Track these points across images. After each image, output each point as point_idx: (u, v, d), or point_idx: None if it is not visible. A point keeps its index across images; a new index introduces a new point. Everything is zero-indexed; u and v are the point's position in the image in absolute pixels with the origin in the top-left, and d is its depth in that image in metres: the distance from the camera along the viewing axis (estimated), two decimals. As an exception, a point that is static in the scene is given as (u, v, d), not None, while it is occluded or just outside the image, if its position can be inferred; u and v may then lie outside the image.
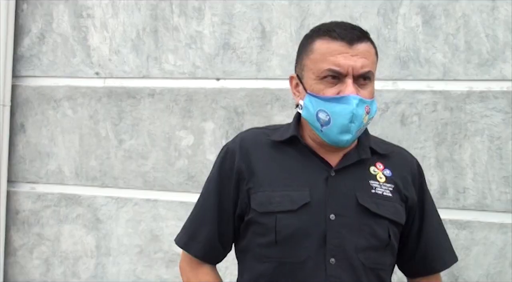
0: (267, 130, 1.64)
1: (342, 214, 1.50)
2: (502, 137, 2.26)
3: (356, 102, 1.45)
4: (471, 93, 2.28)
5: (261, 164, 1.56)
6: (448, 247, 1.66)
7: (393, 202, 1.55)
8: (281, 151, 1.57)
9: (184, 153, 2.63)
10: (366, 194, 1.53)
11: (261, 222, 1.53)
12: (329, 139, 1.50)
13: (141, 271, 2.71)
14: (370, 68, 1.48)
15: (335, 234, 1.49)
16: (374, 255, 1.52)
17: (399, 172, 1.59)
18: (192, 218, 1.67)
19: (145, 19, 2.67)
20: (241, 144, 1.60)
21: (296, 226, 1.50)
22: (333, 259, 1.49)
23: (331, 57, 1.47)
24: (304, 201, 1.50)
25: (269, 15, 2.50)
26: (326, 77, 1.48)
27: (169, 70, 2.65)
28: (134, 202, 2.71)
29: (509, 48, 2.24)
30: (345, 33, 1.48)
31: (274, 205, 1.52)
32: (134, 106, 2.70)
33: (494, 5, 2.25)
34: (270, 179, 1.55)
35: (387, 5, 2.36)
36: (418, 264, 1.64)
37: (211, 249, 1.63)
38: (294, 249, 1.50)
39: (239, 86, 2.55)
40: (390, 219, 1.53)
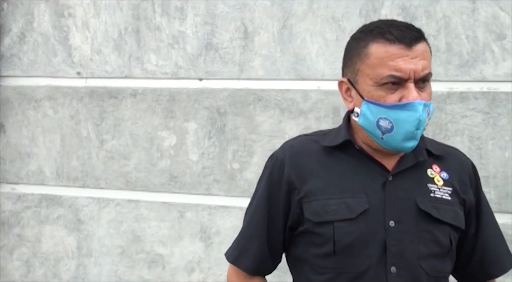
0: (315, 137, 1.57)
1: (402, 220, 1.44)
2: (482, 138, 2.28)
3: (421, 108, 1.39)
4: (452, 94, 2.31)
5: (313, 172, 1.50)
6: (506, 251, 1.59)
7: (453, 206, 1.49)
8: (333, 156, 1.51)
9: (166, 153, 2.63)
10: (426, 199, 1.47)
11: (317, 232, 1.47)
12: (391, 146, 1.44)
13: (123, 272, 2.69)
14: (429, 70, 1.42)
15: (395, 242, 1.43)
16: (436, 262, 1.46)
17: (456, 174, 1.53)
18: (241, 232, 1.61)
19: (127, 18, 2.66)
20: (290, 152, 1.54)
21: (355, 235, 1.44)
22: (393, 268, 1.43)
23: (391, 62, 1.39)
24: (363, 208, 1.44)
25: (251, 16, 2.51)
26: (386, 83, 1.40)
27: (151, 70, 2.64)
28: (116, 203, 2.69)
29: (489, 50, 2.27)
30: (402, 34, 1.40)
31: (331, 214, 1.45)
32: (116, 106, 2.68)
33: (475, 6, 2.27)
34: (323, 187, 1.48)
35: (369, 6, 2.37)
36: (474, 270, 1.57)
37: (261, 263, 1.58)
38: (353, 258, 1.44)
39: (222, 87, 2.55)
40: (451, 224, 1.47)
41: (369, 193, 1.45)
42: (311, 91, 2.44)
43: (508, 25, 2.24)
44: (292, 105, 2.47)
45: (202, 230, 2.58)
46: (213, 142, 2.56)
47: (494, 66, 2.26)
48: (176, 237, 2.62)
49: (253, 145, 2.52)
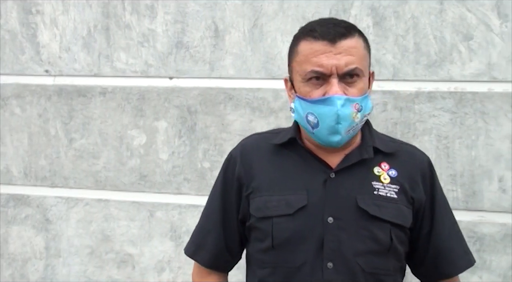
0: (268, 135, 1.61)
1: (340, 217, 1.46)
2: (449, 137, 2.32)
3: (341, 103, 1.40)
4: (420, 94, 2.34)
5: (260, 169, 1.54)
6: (462, 251, 1.58)
7: (398, 204, 1.49)
8: (281, 154, 1.54)
9: (136, 152, 2.61)
10: (368, 196, 1.48)
11: (259, 227, 1.51)
12: (321, 141, 1.47)
13: (92, 272, 2.67)
14: (357, 65, 1.43)
15: (332, 238, 1.45)
16: (375, 259, 1.47)
17: (406, 172, 1.52)
18: (198, 227, 1.66)
19: (97, 16, 2.63)
20: (242, 150, 1.59)
21: (292, 230, 1.47)
22: (330, 264, 1.45)
23: (314, 58, 1.43)
24: (301, 204, 1.47)
25: (222, 14, 2.50)
26: (311, 79, 1.44)
27: (121, 68, 2.62)
28: (85, 202, 2.67)
29: (456, 50, 2.30)
30: (327, 31, 1.43)
31: (271, 209, 1.49)
32: (85, 105, 2.66)
33: (442, 7, 2.31)
34: (268, 184, 1.52)
35: (339, 6, 2.39)
36: (429, 269, 1.57)
37: (219, 257, 1.61)
38: (290, 253, 1.47)
39: (192, 85, 2.54)
40: (392, 222, 1.47)
41: (310, 190, 1.48)
42: (281, 90, 2.45)
43: (475, 26, 2.28)
44: (263, 104, 2.47)
45: (172, 229, 2.57)
46: (184, 141, 2.55)
47: (461, 66, 2.30)
48: (146, 237, 2.61)
49: (223, 144, 2.52)
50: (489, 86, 2.28)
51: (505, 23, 2.25)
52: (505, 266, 2.28)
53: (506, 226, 2.28)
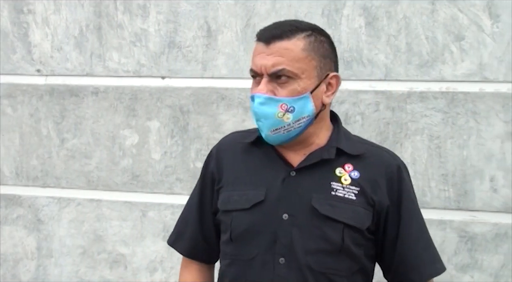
0: (245, 133, 1.68)
1: (295, 214, 1.50)
2: (441, 137, 2.33)
3: (259, 101, 1.48)
4: (412, 94, 2.34)
5: (231, 166, 1.62)
6: (429, 259, 1.58)
7: (355, 206, 1.51)
8: (250, 152, 1.61)
9: (128, 152, 2.60)
10: (324, 196, 1.50)
11: (222, 220, 1.60)
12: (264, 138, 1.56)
13: (84, 272, 2.66)
14: (285, 66, 1.47)
15: (285, 234, 1.50)
16: (326, 259, 1.49)
17: (369, 174, 1.53)
18: (180, 218, 1.76)
19: (89, 15, 2.63)
20: (218, 147, 1.69)
21: (248, 224, 1.53)
22: (282, 259, 1.49)
23: (253, 58, 1.52)
24: (257, 200, 1.53)
25: (214, 14, 2.50)
26: (252, 77, 1.54)
27: (113, 68, 2.61)
28: (77, 202, 2.66)
29: (448, 50, 2.31)
30: (266, 33, 1.51)
31: (232, 204, 1.56)
32: (77, 104, 2.65)
33: (434, 8, 2.31)
34: (234, 179, 1.60)
35: (331, 6, 2.39)
36: (397, 274, 1.58)
37: (197, 247, 1.70)
38: (245, 246, 1.53)
39: (185, 85, 2.54)
40: (346, 223, 1.49)
41: (269, 187, 1.53)
42: (274, 90, 2.45)
43: (467, 26, 2.29)
44: (255, 104, 2.47)
45: (165, 229, 2.57)
46: (176, 141, 2.55)
47: (453, 66, 2.31)
48: (138, 237, 2.60)
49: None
50: (480, 86, 2.29)
51: (497, 24, 2.26)
52: (497, 266, 2.29)
53: (497, 226, 2.29)
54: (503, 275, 2.29)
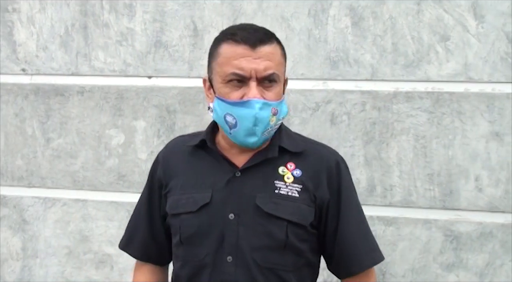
0: (188, 137, 1.70)
1: (240, 214, 1.54)
2: (426, 137, 2.34)
3: (259, 106, 1.48)
4: (398, 94, 2.35)
5: (177, 170, 1.64)
6: (367, 248, 1.63)
7: (298, 203, 1.55)
8: (195, 156, 1.63)
9: (114, 151, 2.59)
10: (268, 195, 1.55)
11: (172, 223, 1.62)
12: (238, 141, 1.54)
13: (70, 272, 2.65)
14: (274, 70, 1.50)
15: (232, 233, 1.54)
16: (271, 255, 1.54)
17: (311, 172, 1.58)
18: (130, 222, 1.78)
19: (74, 14, 2.61)
20: (164, 152, 1.71)
21: (196, 226, 1.56)
22: (230, 257, 1.54)
23: (235, 61, 1.49)
24: (204, 202, 1.56)
25: (201, 13, 2.50)
26: (231, 80, 1.50)
27: (99, 67, 2.60)
28: (63, 202, 2.64)
29: (433, 50, 2.32)
30: (248, 36, 1.50)
31: (180, 207, 1.59)
32: (62, 104, 2.63)
33: (419, 8, 2.33)
34: (181, 183, 1.62)
35: (318, 6, 2.40)
36: (338, 266, 1.63)
37: (148, 250, 1.72)
38: (195, 248, 1.57)
39: (171, 85, 2.53)
40: (289, 220, 1.54)
41: (215, 188, 1.57)
42: (260, 90, 2.45)
43: (452, 27, 2.30)
44: (242, 104, 2.47)
45: (151, 229, 2.56)
46: (163, 140, 2.54)
47: (438, 66, 2.32)
48: (124, 237, 2.59)
49: (202, 143, 2.51)
50: (465, 87, 2.31)
51: (481, 24, 2.28)
52: (481, 265, 2.31)
53: (482, 225, 2.30)
54: (488, 274, 2.30)
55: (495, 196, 2.29)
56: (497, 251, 2.29)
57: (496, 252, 2.29)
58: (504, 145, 2.28)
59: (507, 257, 2.29)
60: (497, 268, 2.30)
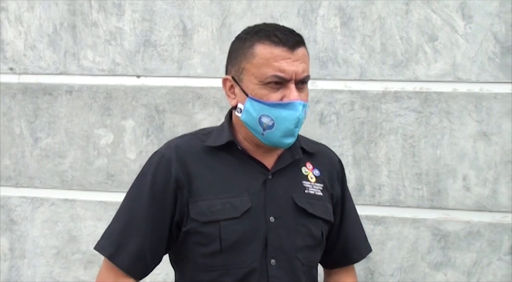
0: (200, 135, 1.61)
1: (281, 216, 1.54)
2: (415, 136, 2.35)
3: (301, 108, 1.49)
4: (386, 93, 2.37)
5: (198, 172, 1.54)
6: (363, 238, 1.75)
7: (324, 201, 1.61)
8: (217, 156, 1.56)
9: (103, 151, 2.58)
10: (301, 195, 1.57)
11: (204, 231, 1.51)
12: (270, 142, 1.52)
13: (58, 273, 2.64)
14: (308, 73, 1.53)
15: (275, 236, 1.53)
16: (310, 253, 1.58)
17: (326, 171, 1.64)
18: (121, 226, 1.55)
19: (63, 13, 2.60)
20: (176, 151, 1.55)
21: (241, 232, 1.51)
22: (273, 260, 1.52)
23: (275, 63, 1.48)
24: (246, 207, 1.52)
25: (190, 13, 2.50)
26: (270, 82, 1.48)
27: (87, 66, 2.59)
28: (51, 202, 2.63)
29: (421, 50, 2.34)
30: (286, 38, 1.49)
31: (216, 213, 1.51)
32: (50, 103, 2.62)
33: (408, 8, 2.34)
34: (208, 187, 1.53)
35: (307, 6, 2.40)
36: (338, 256, 1.70)
37: (139, 262, 1.54)
38: (239, 255, 1.51)
39: (160, 84, 2.53)
40: (323, 218, 1.59)
41: (251, 192, 1.53)
42: (250, 89, 2.45)
43: (440, 27, 2.32)
44: (231, 104, 2.47)
45: (140, 229, 2.55)
46: (151, 140, 2.54)
47: (427, 66, 2.33)
48: (113, 237, 2.58)
49: (192, 143, 2.51)
50: (453, 87, 2.32)
51: (469, 25, 2.30)
52: (469, 263, 2.32)
53: (470, 224, 2.32)
54: (476, 273, 2.32)
55: (483, 195, 2.31)
56: (484, 250, 2.31)
57: (484, 251, 2.31)
58: (491, 145, 2.30)
59: (494, 256, 2.30)
60: (484, 267, 2.31)
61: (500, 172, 2.29)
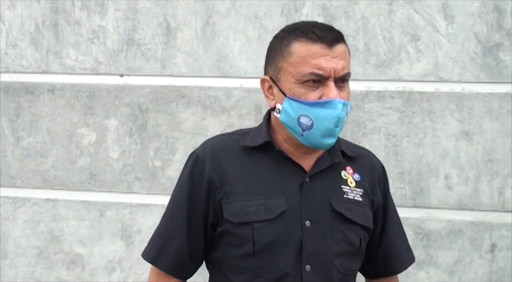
0: (236, 136, 1.58)
1: (317, 220, 1.48)
2: (397, 135, 2.37)
3: (341, 107, 1.42)
4: (370, 93, 2.38)
5: (233, 172, 1.51)
6: (406, 248, 1.67)
7: (363, 207, 1.54)
8: (253, 157, 1.52)
9: (86, 150, 2.57)
10: (340, 200, 1.51)
11: (237, 233, 1.49)
12: (310, 143, 1.47)
13: (40, 273, 2.62)
14: (348, 70, 1.47)
15: (310, 241, 1.47)
16: (347, 261, 1.51)
17: (367, 176, 1.58)
18: (160, 230, 1.58)
19: (45, 11, 2.58)
20: (211, 151, 1.54)
21: (274, 235, 1.47)
22: (308, 266, 1.47)
23: (313, 60, 1.42)
24: (281, 209, 1.47)
25: (174, 12, 2.49)
26: (307, 81, 1.43)
27: (70, 65, 2.57)
28: (33, 202, 2.61)
29: (404, 50, 2.35)
30: (324, 34, 1.44)
31: (250, 215, 1.47)
32: (32, 102, 2.60)
33: (391, 8, 2.35)
34: (243, 188, 1.49)
35: (291, 5, 2.41)
36: (379, 266, 1.63)
37: (181, 263, 1.55)
38: (272, 258, 1.47)
39: (143, 83, 2.52)
40: (362, 224, 1.52)
41: (287, 194, 1.49)
42: (233, 88, 2.45)
43: (422, 27, 2.33)
44: (215, 103, 2.47)
45: (123, 228, 2.54)
46: (135, 139, 2.53)
47: (409, 66, 2.35)
48: (96, 237, 2.57)
49: (175, 142, 2.50)
50: (435, 86, 2.34)
51: (451, 25, 2.32)
52: (451, 262, 2.35)
53: (452, 222, 2.34)
54: (457, 271, 2.34)
55: (464, 194, 2.33)
56: (466, 248, 2.33)
57: (465, 249, 2.33)
58: (473, 144, 2.32)
59: (476, 254, 2.33)
60: (466, 265, 2.33)
61: (482, 171, 2.32)
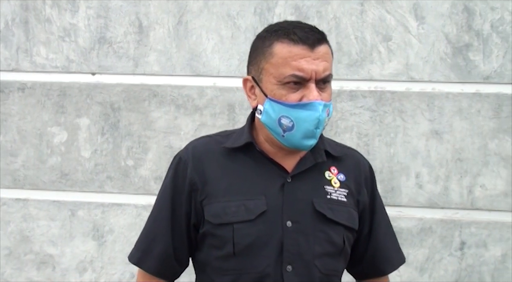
0: (219, 137, 1.57)
1: (298, 220, 1.48)
2: (369, 134, 2.39)
3: (321, 108, 1.42)
4: (342, 92, 2.40)
5: (215, 173, 1.51)
6: (396, 249, 1.66)
7: (348, 207, 1.53)
8: (235, 158, 1.52)
9: (57, 149, 2.54)
10: (322, 200, 1.50)
11: (217, 234, 1.48)
12: (291, 144, 1.46)
13: (10, 274, 2.58)
14: (330, 71, 1.46)
15: (291, 241, 1.47)
16: (330, 261, 1.50)
17: (352, 176, 1.57)
18: (145, 232, 1.59)
19: (15, 9, 2.54)
20: (193, 152, 1.54)
21: (254, 236, 1.46)
22: (289, 267, 1.46)
23: (294, 62, 1.42)
24: (261, 210, 1.46)
25: (146, 10, 2.48)
26: (288, 82, 1.43)
27: (40, 63, 2.54)
28: (3, 202, 2.58)
29: (376, 50, 2.37)
30: (306, 35, 1.43)
31: (230, 215, 1.47)
32: (2, 100, 2.56)
33: (363, 9, 2.37)
34: (224, 189, 1.49)
35: (263, 4, 2.41)
36: (367, 267, 1.62)
37: (166, 264, 1.55)
38: (253, 259, 1.47)
39: (116, 82, 2.50)
40: (345, 225, 1.51)
41: (268, 195, 1.48)
42: (206, 87, 2.45)
43: (394, 27, 2.36)
44: (188, 102, 2.46)
45: (95, 228, 2.52)
46: (107, 138, 2.51)
47: (381, 66, 2.37)
48: (67, 237, 2.54)
49: (148, 141, 2.49)
50: (407, 86, 2.37)
51: (422, 25, 2.35)
52: (422, 259, 2.37)
53: (422, 221, 2.37)
54: (428, 268, 2.37)
55: (435, 192, 2.36)
56: (436, 246, 2.36)
57: (436, 246, 2.36)
58: (443, 143, 2.35)
59: (446, 251, 2.36)
60: (436, 262, 2.37)
61: (451, 170, 2.35)
